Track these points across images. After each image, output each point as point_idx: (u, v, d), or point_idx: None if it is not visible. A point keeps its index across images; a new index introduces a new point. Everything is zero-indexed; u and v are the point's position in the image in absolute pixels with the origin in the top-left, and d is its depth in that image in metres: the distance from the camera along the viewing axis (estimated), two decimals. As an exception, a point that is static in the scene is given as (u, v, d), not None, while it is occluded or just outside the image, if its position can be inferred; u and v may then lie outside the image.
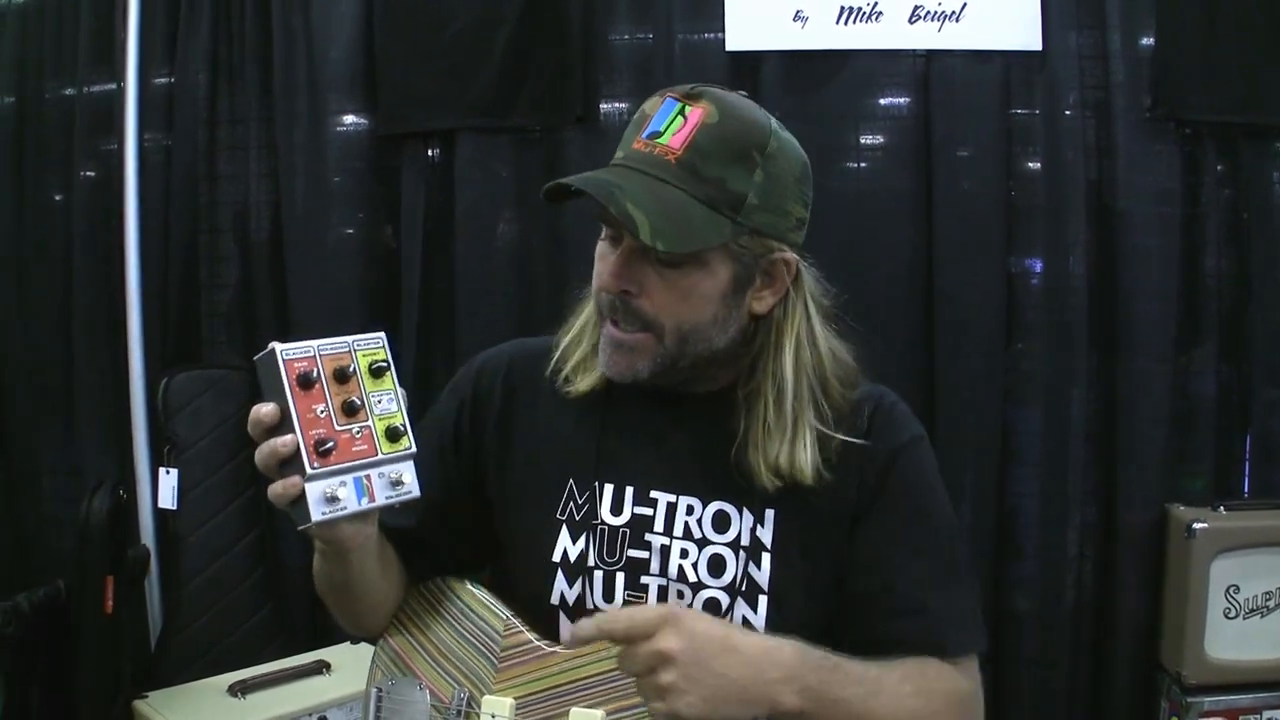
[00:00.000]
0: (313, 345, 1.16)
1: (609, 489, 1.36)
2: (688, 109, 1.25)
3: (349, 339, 1.18)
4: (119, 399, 2.87)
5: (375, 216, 2.93)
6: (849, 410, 1.35)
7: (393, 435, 1.19)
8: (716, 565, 1.32)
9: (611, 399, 1.39)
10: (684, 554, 1.34)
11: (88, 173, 2.97)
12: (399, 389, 1.21)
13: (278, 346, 1.13)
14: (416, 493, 1.21)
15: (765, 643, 1.15)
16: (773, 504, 1.33)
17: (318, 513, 1.12)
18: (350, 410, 1.16)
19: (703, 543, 1.33)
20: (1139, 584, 2.69)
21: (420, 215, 2.83)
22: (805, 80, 2.71)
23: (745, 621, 1.31)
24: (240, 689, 2.42)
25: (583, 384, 1.38)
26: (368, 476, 1.16)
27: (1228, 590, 2.57)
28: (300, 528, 1.14)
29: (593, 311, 1.39)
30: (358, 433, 1.16)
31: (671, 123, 1.25)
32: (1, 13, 3.02)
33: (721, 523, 1.34)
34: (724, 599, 1.32)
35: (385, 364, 1.20)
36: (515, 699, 1.27)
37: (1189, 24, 2.64)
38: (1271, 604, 2.58)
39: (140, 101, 2.85)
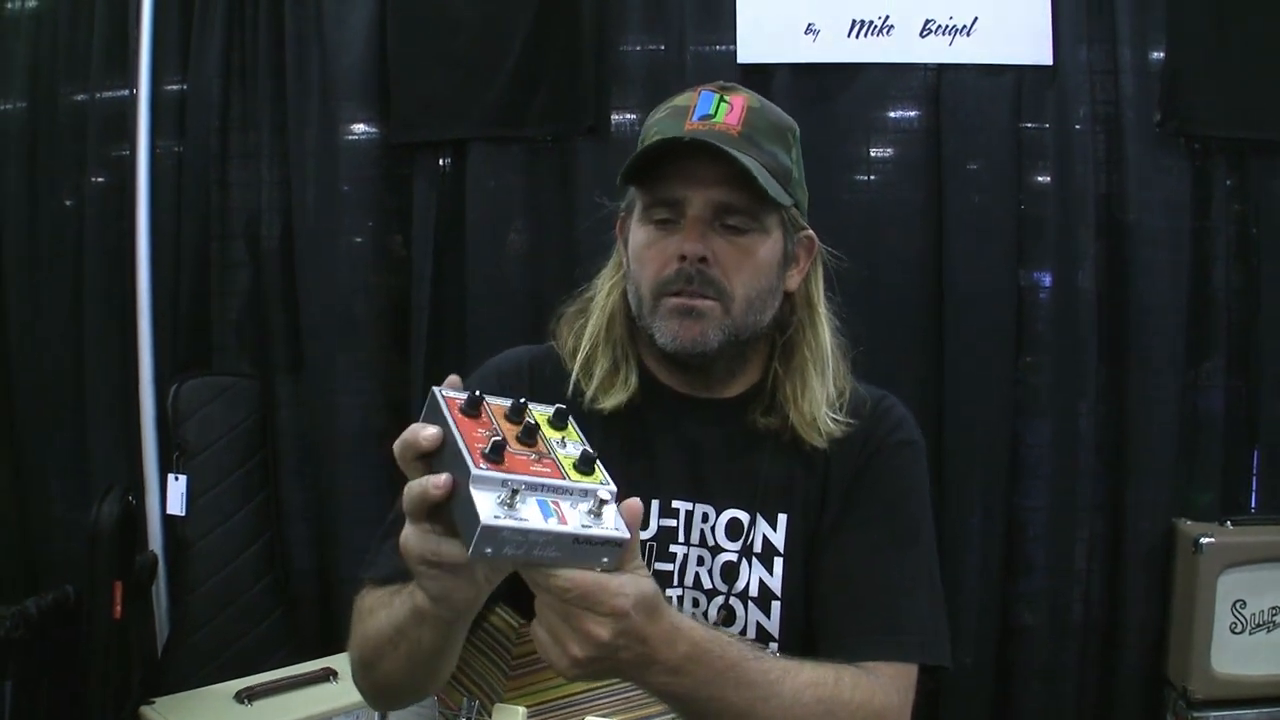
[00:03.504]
0: (480, 392, 1.02)
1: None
2: (728, 96, 1.34)
3: (522, 399, 1.04)
4: (129, 404, 2.87)
5: (386, 225, 2.93)
6: (851, 399, 1.41)
7: (585, 468, 1.00)
8: (729, 572, 1.34)
9: (636, 412, 1.40)
10: (700, 561, 1.36)
11: (99, 178, 2.97)
12: (586, 440, 1.04)
13: (436, 388, 1.01)
14: (625, 534, 0.97)
15: (672, 631, 1.04)
16: (785, 508, 1.35)
17: (489, 515, 0.90)
18: (527, 437, 1.00)
19: (716, 550, 1.35)
20: (1146, 598, 2.69)
21: (431, 224, 2.83)
22: (816, 93, 2.71)
23: (759, 627, 1.32)
24: (247, 695, 2.42)
25: (608, 402, 1.39)
26: (555, 502, 0.95)
27: (1234, 605, 2.57)
28: (471, 544, 0.91)
29: (611, 320, 1.42)
30: (536, 458, 0.98)
31: (718, 108, 1.33)
32: (14, 18, 3.03)
33: (734, 530, 1.36)
34: (737, 605, 1.34)
35: (567, 415, 1.06)
36: (527, 707, 1.27)
37: (1199, 38, 2.64)
38: (1278, 619, 2.58)
39: (152, 108, 2.86)
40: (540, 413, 1.05)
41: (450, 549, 0.97)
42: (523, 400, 1.04)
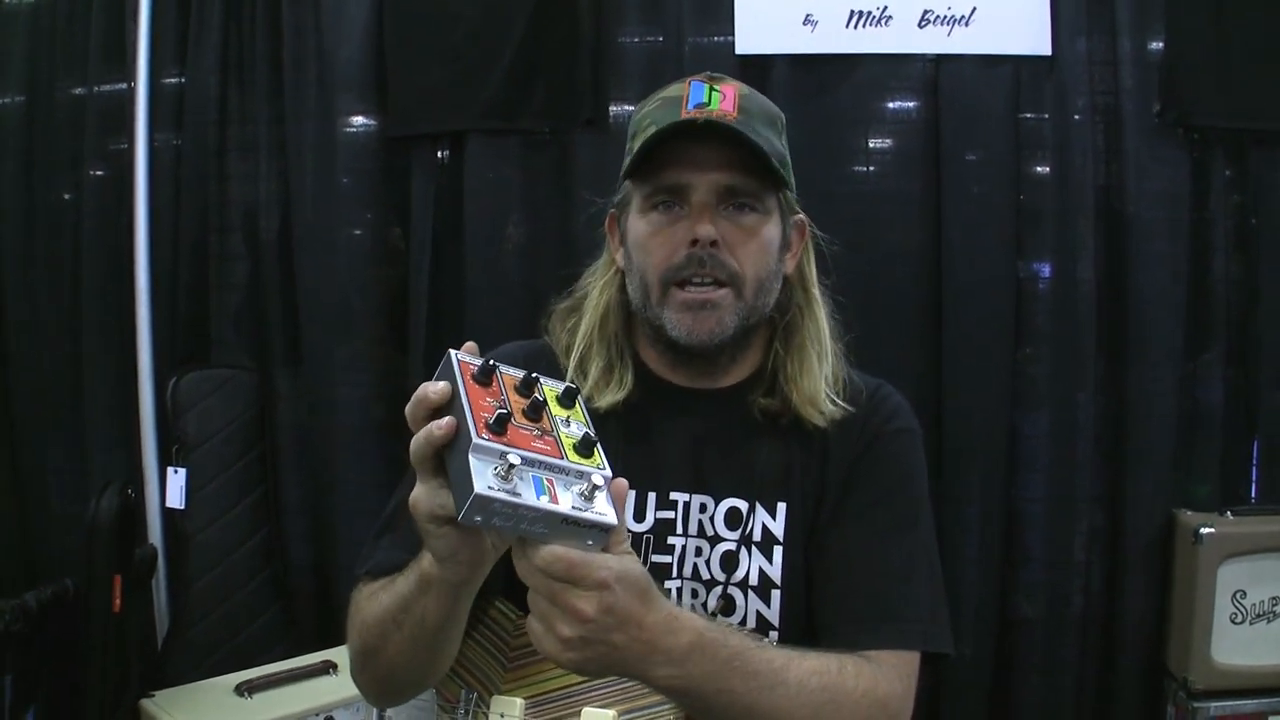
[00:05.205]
0: (494, 361, 1.05)
1: (632, 496, 1.37)
2: (718, 86, 1.35)
3: (534, 373, 1.07)
4: (127, 398, 2.87)
5: (384, 218, 2.92)
6: (848, 387, 1.42)
7: (584, 450, 1.01)
8: (729, 561, 1.34)
9: (634, 408, 1.40)
10: (698, 552, 1.36)
11: (97, 172, 2.96)
12: (591, 423, 1.06)
13: (453, 351, 1.04)
14: (613, 520, 0.98)
15: (671, 621, 1.05)
16: (784, 497, 1.35)
17: (483, 486, 0.92)
18: (533, 412, 1.01)
19: (715, 540, 1.36)
20: (1146, 589, 2.69)
21: (428, 217, 2.82)
22: (814, 84, 2.71)
23: (759, 616, 1.32)
24: (247, 689, 2.42)
25: (603, 402, 1.39)
26: (550, 480, 0.97)
27: (1234, 596, 2.57)
28: (462, 510, 0.93)
29: (605, 317, 1.42)
30: (538, 434, 0.99)
31: (711, 96, 1.34)
32: (12, 11, 3.02)
33: (733, 519, 1.36)
34: (737, 594, 1.34)
35: (576, 395, 1.07)
36: (525, 699, 1.27)
37: (1198, 29, 2.64)
38: (1278, 609, 2.58)
39: (150, 101, 2.85)
40: (550, 389, 1.06)
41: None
42: (535, 375, 1.05)
